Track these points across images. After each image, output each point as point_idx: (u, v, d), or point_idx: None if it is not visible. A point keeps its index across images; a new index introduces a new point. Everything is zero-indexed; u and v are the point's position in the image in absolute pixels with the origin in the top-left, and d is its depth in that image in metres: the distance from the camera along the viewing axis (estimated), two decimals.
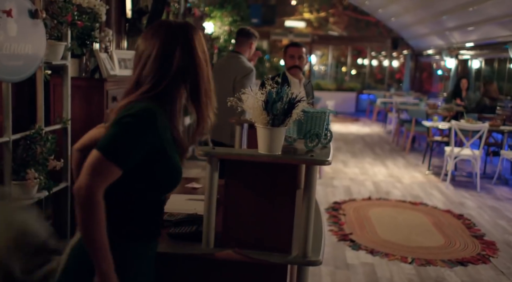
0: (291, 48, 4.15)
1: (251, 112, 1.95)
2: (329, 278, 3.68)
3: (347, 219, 5.07)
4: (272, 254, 2.00)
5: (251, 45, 4.20)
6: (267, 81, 2.04)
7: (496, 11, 8.38)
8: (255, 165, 1.99)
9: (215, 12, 8.59)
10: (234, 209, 2.02)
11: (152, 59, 1.59)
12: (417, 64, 16.15)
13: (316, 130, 2.12)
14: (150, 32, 1.65)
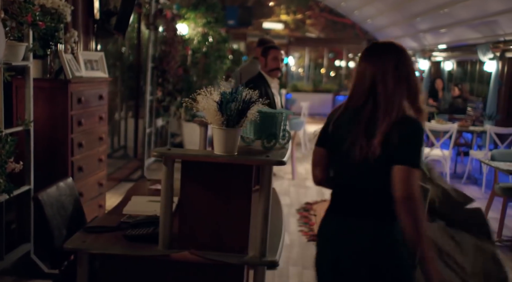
0: (274, 50, 4.30)
1: (205, 113, 1.95)
2: (297, 278, 3.70)
3: (317, 219, 5.10)
4: (229, 255, 2.01)
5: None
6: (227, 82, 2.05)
7: (465, 14, 8.54)
8: (211, 165, 2.00)
9: (189, 13, 8.57)
10: (190, 210, 2.02)
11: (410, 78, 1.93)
12: None
13: (273, 130, 2.13)
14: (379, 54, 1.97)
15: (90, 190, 3.87)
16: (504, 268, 2.19)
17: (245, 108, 1.93)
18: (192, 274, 2.06)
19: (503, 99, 8.31)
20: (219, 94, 1.91)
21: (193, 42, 8.45)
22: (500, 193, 4.81)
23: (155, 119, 6.65)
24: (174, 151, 1.97)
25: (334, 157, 2.00)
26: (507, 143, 6.72)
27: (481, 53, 8.52)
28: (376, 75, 1.90)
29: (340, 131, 1.96)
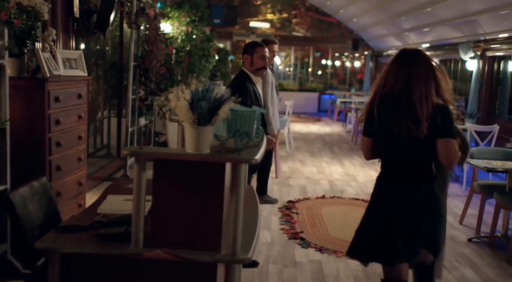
0: (260, 48, 4.38)
1: (177, 111, 1.96)
2: (276, 276, 3.71)
3: (299, 217, 5.13)
4: (201, 253, 2.01)
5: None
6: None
7: (447, 13, 8.63)
8: (183, 164, 2.00)
9: (172, 12, 8.54)
10: (163, 208, 2.03)
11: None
12: (377, 64, 16.44)
13: (246, 128, 2.14)
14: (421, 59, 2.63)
15: (69, 190, 3.85)
16: None
17: (217, 106, 1.94)
18: (165, 272, 2.06)
19: (483, 98, 8.41)
20: (190, 93, 1.91)
21: (177, 40, 8.43)
22: (478, 190, 4.88)
23: (138, 118, 6.62)
24: (146, 150, 1.97)
25: (382, 139, 2.63)
26: (487, 140, 6.80)
27: (462, 52, 8.61)
28: (411, 75, 2.55)
29: (384, 118, 2.59)
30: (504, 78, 8.37)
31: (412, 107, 2.50)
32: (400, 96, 2.55)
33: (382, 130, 2.61)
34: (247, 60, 4.37)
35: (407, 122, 2.50)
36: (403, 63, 2.60)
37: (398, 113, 2.54)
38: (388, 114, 2.57)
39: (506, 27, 7.40)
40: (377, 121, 2.60)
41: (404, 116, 2.52)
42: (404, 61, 2.60)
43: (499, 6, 6.97)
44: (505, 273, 3.94)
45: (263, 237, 4.51)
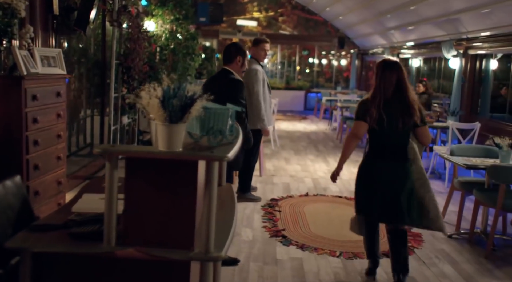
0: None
1: (149, 109, 1.95)
2: (256, 274, 3.72)
3: (282, 215, 5.14)
4: (174, 251, 2.00)
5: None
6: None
7: (430, 12, 8.69)
8: (156, 162, 1.99)
9: (156, 10, 8.50)
10: (135, 206, 2.01)
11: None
12: (362, 62, 16.52)
13: (219, 126, 2.14)
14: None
15: (48, 189, 3.81)
16: None
17: (189, 104, 1.93)
18: (138, 271, 2.05)
19: (466, 95, 8.49)
20: (162, 91, 1.91)
21: (161, 39, 8.39)
22: (458, 187, 4.93)
23: (121, 117, 6.58)
24: (117, 148, 1.96)
25: (381, 130, 3.37)
26: (469, 138, 6.87)
27: (445, 50, 8.69)
28: (399, 79, 3.37)
29: (382, 114, 3.33)
30: (486, 76, 8.46)
31: (405, 106, 3.35)
32: (394, 98, 3.36)
33: (382, 124, 3.36)
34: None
35: (404, 118, 3.34)
36: (392, 71, 3.38)
37: (395, 111, 3.35)
38: (388, 112, 3.34)
39: (488, 25, 7.47)
40: (379, 117, 3.34)
41: (401, 113, 3.34)
42: (393, 70, 3.39)
43: (481, 4, 7.04)
44: (483, 269, 3.98)
45: (245, 235, 4.52)
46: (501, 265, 4.08)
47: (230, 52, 4.30)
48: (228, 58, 4.32)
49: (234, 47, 4.37)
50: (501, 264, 4.09)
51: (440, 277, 3.81)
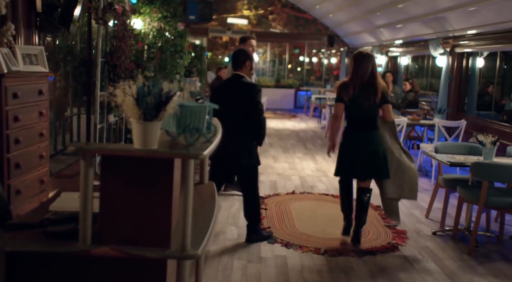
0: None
1: (124, 107, 1.94)
2: (240, 271, 3.72)
3: (268, 213, 5.14)
4: (150, 249, 1.99)
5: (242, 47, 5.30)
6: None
7: (418, 10, 8.73)
8: (131, 160, 1.98)
9: (144, 8, 8.46)
10: (110, 205, 2.00)
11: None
12: None
13: (196, 124, 2.13)
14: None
15: (30, 188, 3.78)
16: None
17: (164, 101, 1.92)
18: (114, 270, 2.04)
19: (453, 93, 8.54)
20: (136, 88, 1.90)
21: (148, 37, 8.35)
22: (443, 184, 4.95)
23: (108, 115, 6.54)
24: (92, 146, 1.95)
25: (352, 106, 4.25)
26: (455, 135, 6.92)
27: (432, 48, 8.73)
28: (372, 68, 4.23)
29: (356, 96, 4.20)
30: (472, 74, 8.51)
31: (373, 89, 4.21)
32: (367, 82, 4.22)
33: (354, 101, 4.22)
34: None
35: (369, 97, 4.20)
36: (367, 61, 4.24)
37: (366, 92, 4.20)
38: (361, 93, 4.20)
39: (474, 23, 7.52)
40: (353, 96, 4.21)
41: (369, 94, 4.21)
42: (368, 60, 4.25)
43: (467, 3, 7.08)
44: (465, 266, 4.01)
45: (230, 233, 4.51)
46: (484, 261, 4.12)
47: (239, 58, 4.37)
48: (238, 64, 4.36)
49: (243, 54, 4.43)
50: (483, 261, 4.13)
51: (423, 273, 3.83)
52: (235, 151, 4.11)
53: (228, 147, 3.77)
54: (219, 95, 4.29)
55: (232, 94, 4.17)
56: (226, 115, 3.40)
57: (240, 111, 4.11)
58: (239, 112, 4.11)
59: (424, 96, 10.98)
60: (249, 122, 4.13)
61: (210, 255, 4.00)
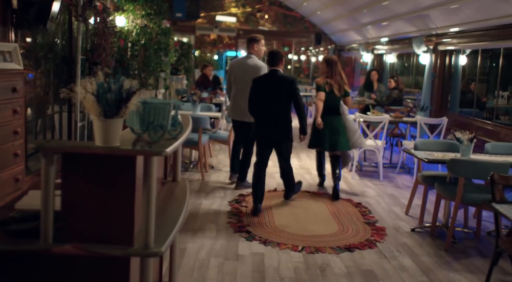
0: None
1: (85, 104, 1.92)
2: (216, 269, 3.71)
3: (248, 211, 5.13)
4: (113, 247, 1.98)
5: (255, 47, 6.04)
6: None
7: (402, 8, 8.76)
8: (93, 157, 1.97)
9: (128, 5, 8.41)
10: (72, 202, 1.99)
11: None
12: (339, 58, 16.58)
13: (160, 121, 2.12)
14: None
15: (4, 186, 3.75)
16: None
17: (124, 98, 1.91)
18: (77, 268, 2.03)
19: (436, 91, 8.58)
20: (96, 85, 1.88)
21: (132, 34, 8.31)
22: (421, 181, 4.98)
23: (88, 113, 6.49)
24: (52, 143, 1.93)
25: (328, 95, 5.67)
26: (437, 132, 6.96)
27: (415, 46, 8.77)
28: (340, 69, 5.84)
29: (331, 90, 5.67)
30: (455, 72, 8.56)
31: (339, 84, 5.73)
32: (336, 81, 5.73)
33: (329, 94, 5.67)
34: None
35: (338, 88, 5.71)
36: (337, 64, 5.85)
37: (337, 87, 5.70)
38: (331, 86, 5.68)
39: (456, 21, 7.56)
40: (329, 89, 5.68)
41: (339, 89, 5.73)
42: (338, 63, 5.87)
43: (449, 0, 7.11)
44: (441, 262, 4.04)
45: (208, 231, 4.51)
46: (460, 257, 4.15)
47: (277, 58, 5.28)
48: (275, 62, 5.26)
49: (279, 53, 5.36)
50: (459, 257, 4.16)
51: (399, 270, 3.85)
52: (279, 130, 5.17)
53: (273, 127, 5.15)
54: (260, 86, 5.21)
55: (273, 84, 5.17)
56: (267, 102, 5.10)
57: (281, 98, 5.09)
58: (280, 99, 5.09)
59: (409, 94, 11.03)
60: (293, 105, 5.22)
61: (187, 252, 3.99)
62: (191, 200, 5.45)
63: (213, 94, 9.77)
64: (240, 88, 5.88)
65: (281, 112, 5.09)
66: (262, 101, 5.13)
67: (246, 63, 5.94)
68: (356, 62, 16.32)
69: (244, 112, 5.63)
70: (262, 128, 5.18)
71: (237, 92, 5.96)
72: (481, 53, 8.24)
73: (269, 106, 5.07)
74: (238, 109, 5.95)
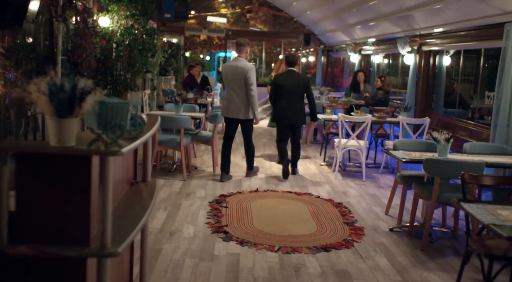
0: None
1: (38, 104, 1.91)
2: (190, 270, 3.70)
3: (227, 211, 5.13)
4: (68, 248, 1.97)
5: (247, 50, 6.53)
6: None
7: (386, 9, 8.79)
8: (48, 157, 1.95)
9: (112, 5, 8.39)
10: (27, 203, 1.97)
11: None
12: (328, 59, 16.61)
13: (118, 121, 2.11)
14: None
15: None
16: None
17: (78, 98, 1.90)
18: (33, 269, 2.01)
19: (420, 91, 8.61)
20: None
21: (116, 34, 8.29)
22: (400, 181, 4.99)
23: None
24: (5, 143, 1.91)
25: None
26: (419, 133, 6.98)
27: (400, 47, 8.80)
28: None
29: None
30: (439, 72, 8.59)
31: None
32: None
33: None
34: None
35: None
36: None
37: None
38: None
39: (439, 22, 7.59)
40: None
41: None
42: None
43: (431, 1, 7.14)
44: (417, 261, 4.05)
45: (186, 232, 4.49)
46: (435, 256, 4.16)
47: (295, 59, 6.93)
48: (293, 63, 6.87)
49: (295, 56, 7.19)
50: (435, 256, 4.17)
51: (373, 269, 3.86)
52: (296, 115, 6.75)
53: (292, 113, 6.71)
54: (281, 82, 6.72)
55: (292, 81, 6.70)
56: (287, 94, 6.67)
57: (298, 91, 6.71)
58: (297, 92, 6.71)
59: (397, 94, 11.06)
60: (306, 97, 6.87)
61: (162, 253, 3.98)
62: (171, 201, 5.44)
63: (198, 95, 9.76)
64: (233, 88, 6.33)
65: (298, 101, 6.76)
66: (283, 93, 6.69)
67: (237, 65, 6.31)
68: (346, 62, 16.34)
69: (239, 110, 6.29)
70: (282, 113, 6.77)
71: (231, 92, 6.36)
72: (464, 53, 8.26)
73: (288, 96, 6.70)
74: (233, 107, 6.35)
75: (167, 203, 5.35)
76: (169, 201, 5.41)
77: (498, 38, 5.83)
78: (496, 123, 5.60)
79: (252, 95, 6.21)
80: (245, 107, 6.29)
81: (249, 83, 6.21)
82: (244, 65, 6.27)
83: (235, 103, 6.31)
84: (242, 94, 6.26)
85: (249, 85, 6.22)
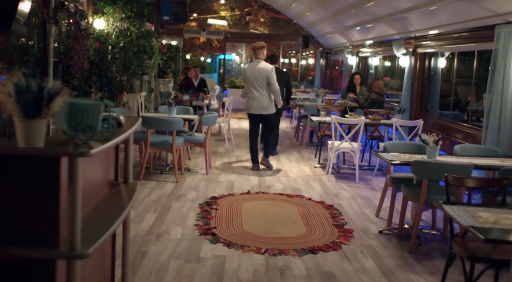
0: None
1: (5, 105, 1.90)
2: (175, 272, 3.69)
3: (217, 213, 5.12)
4: (36, 250, 1.97)
5: (264, 52, 7.23)
6: None
7: (381, 11, 8.78)
8: (16, 159, 1.95)
9: (107, 8, 8.39)
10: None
11: None
12: (327, 61, 16.60)
13: (89, 122, 2.10)
14: None
15: None
16: None
17: (46, 99, 1.89)
18: (1, 271, 2.01)
19: (415, 93, 8.59)
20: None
21: (111, 37, 8.29)
22: (390, 183, 4.98)
23: None
24: None
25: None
26: (413, 135, 6.96)
27: (395, 49, 8.79)
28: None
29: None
30: (435, 74, 8.56)
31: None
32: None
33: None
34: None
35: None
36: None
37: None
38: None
39: (433, 24, 7.58)
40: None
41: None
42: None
43: (427, 3, 7.12)
44: (403, 263, 4.03)
45: (173, 234, 4.49)
46: (423, 259, 4.14)
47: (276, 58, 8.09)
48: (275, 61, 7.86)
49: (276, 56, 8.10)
50: (422, 258, 4.15)
51: (359, 272, 3.84)
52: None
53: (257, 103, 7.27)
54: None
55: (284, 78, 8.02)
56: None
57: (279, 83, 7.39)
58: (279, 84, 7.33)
59: (394, 97, 11.04)
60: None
61: (148, 255, 3.97)
62: (161, 203, 5.43)
63: (194, 97, 9.76)
64: (254, 87, 7.08)
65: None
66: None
67: (258, 66, 7.09)
68: (344, 64, 16.32)
69: (261, 106, 7.07)
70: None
71: (252, 90, 7.09)
72: (459, 55, 8.23)
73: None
74: (255, 104, 7.10)
75: (157, 205, 5.35)
76: (160, 203, 5.41)
77: (490, 40, 5.81)
78: (488, 125, 5.58)
79: (274, 90, 7.06)
80: (266, 103, 7.05)
81: (272, 82, 7.01)
82: (265, 66, 7.05)
83: (257, 100, 7.07)
84: (263, 92, 7.03)
85: (272, 83, 7.02)
